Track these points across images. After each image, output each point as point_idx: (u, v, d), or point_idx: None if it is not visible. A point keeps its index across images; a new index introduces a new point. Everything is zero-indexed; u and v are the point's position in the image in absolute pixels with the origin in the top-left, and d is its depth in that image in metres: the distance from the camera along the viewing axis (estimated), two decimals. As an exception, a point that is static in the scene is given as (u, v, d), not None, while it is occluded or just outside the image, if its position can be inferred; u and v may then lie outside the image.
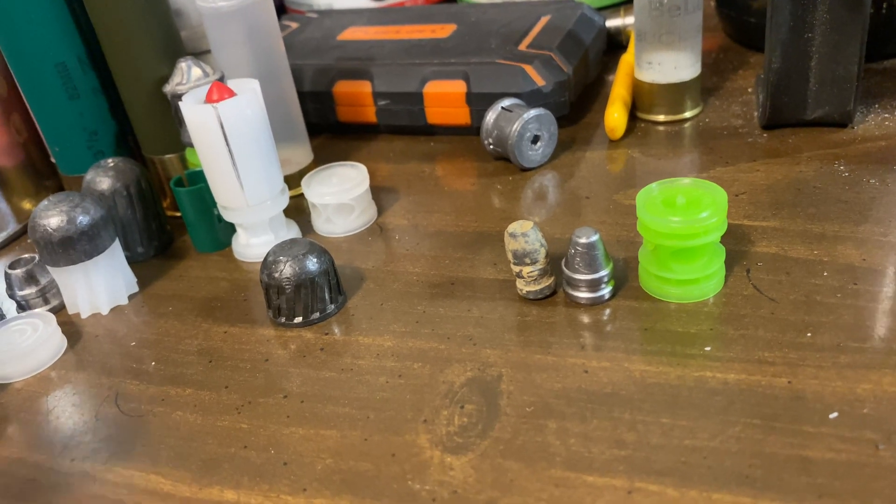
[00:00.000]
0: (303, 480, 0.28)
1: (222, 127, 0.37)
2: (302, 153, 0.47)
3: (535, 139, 0.45)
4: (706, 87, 0.51)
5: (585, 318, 0.33)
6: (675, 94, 0.47)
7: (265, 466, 0.29)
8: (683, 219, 0.31)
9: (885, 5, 0.47)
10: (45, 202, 0.38)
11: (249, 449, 0.30)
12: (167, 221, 0.45)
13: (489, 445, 0.28)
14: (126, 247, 0.42)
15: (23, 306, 0.40)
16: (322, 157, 0.50)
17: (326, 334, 0.35)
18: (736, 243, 0.36)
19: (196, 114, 0.37)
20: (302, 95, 0.51)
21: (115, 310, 0.40)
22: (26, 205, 0.49)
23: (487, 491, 0.26)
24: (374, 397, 0.31)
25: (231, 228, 0.43)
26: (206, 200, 0.42)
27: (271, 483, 0.28)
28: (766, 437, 0.26)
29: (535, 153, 0.45)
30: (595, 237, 0.33)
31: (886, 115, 0.44)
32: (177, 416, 0.32)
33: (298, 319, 0.36)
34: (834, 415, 0.27)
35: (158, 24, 0.42)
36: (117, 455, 0.31)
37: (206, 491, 0.28)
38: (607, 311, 0.33)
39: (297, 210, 0.45)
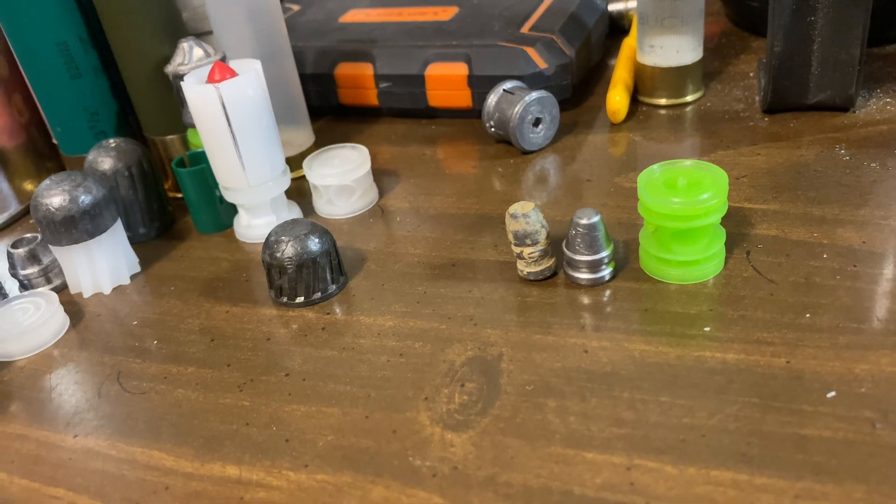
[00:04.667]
0: (304, 457, 0.28)
1: (224, 107, 0.37)
2: (303, 135, 0.47)
3: (537, 122, 0.45)
4: (708, 71, 0.51)
5: (586, 299, 0.33)
6: (676, 78, 0.47)
7: (267, 443, 0.29)
8: (684, 200, 0.31)
9: (888, -11, 0.47)
10: (47, 181, 0.38)
11: (251, 426, 0.30)
12: (169, 202, 0.45)
13: (489, 423, 0.28)
14: (128, 227, 0.42)
15: (25, 285, 0.40)
16: (323, 140, 0.50)
17: (328, 314, 0.35)
18: (736, 226, 0.36)
19: (198, 94, 0.37)
20: (304, 78, 0.51)
21: (118, 289, 0.40)
22: (28, 186, 0.49)
23: (487, 467, 0.26)
24: (376, 375, 0.31)
25: (232, 209, 0.43)
26: (207, 181, 0.42)
27: (273, 459, 0.28)
28: (763, 416, 0.26)
29: (537, 136, 0.45)
30: (596, 218, 0.33)
31: (888, 100, 0.44)
32: (179, 393, 0.32)
33: (300, 299, 0.36)
34: (832, 394, 0.27)
35: (160, 4, 0.42)
36: (120, 431, 0.31)
37: (207, 467, 0.28)
38: (607, 292, 0.33)
39: (299, 192, 0.45)
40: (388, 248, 0.39)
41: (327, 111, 0.54)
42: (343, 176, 0.41)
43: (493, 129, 0.46)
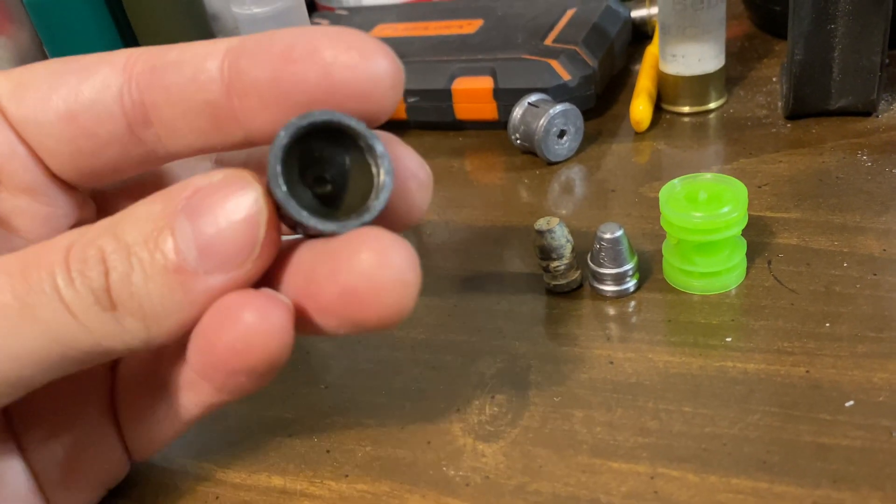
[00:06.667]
0: (345, 467, 0.30)
1: (260, 130, 0.39)
2: (335, 151, 0.49)
3: (562, 134, 0.46)
4: (731, 76, 0.51)
5: (611, 311, 0.34)
6: (699, 86, 0.47)
7: (309, 454, 0.31)
8: (705, 214, 0.32)
9: (910, -8, 0.47)
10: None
11: (294, 437, 0.31)
12: (209, 219, 0.47)
13: (519, 433, 0.29)
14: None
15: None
16: (355, 154, 0.52)
17: (363, 328, 0.37)
18: (758, 235, 0.37)
19: (235, 118, 0.39)
20: (334, 94, 0.52)
21: (163, 305, 0.42)
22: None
23: (518, 476, 0.28)
24: (410, 388, 0.33)
25: (270, 225, 0.45)
26: (245, 199, 0.43)
27: (315, 469, 0.30)
28: (783, 425, 0.27)
29: (562, 147, 0.46)
30: (619, 233, 0.34)
31: (911, 103, 0.44)
32: (226, 406, 0.34)
33: (336, 314, 0.37)
34: (850, 403, 0.28)
35: (196, 29, 0.44)
36: (172, 444, 0.33)
37: (254, 477, 0.30)
38: (632, 304, 0.34)
39: (332, 206, 0.47)
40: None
41: (358, 124, 0.56)
42: (375, 192, 0.43)
43: (518, 142, 0.47)
